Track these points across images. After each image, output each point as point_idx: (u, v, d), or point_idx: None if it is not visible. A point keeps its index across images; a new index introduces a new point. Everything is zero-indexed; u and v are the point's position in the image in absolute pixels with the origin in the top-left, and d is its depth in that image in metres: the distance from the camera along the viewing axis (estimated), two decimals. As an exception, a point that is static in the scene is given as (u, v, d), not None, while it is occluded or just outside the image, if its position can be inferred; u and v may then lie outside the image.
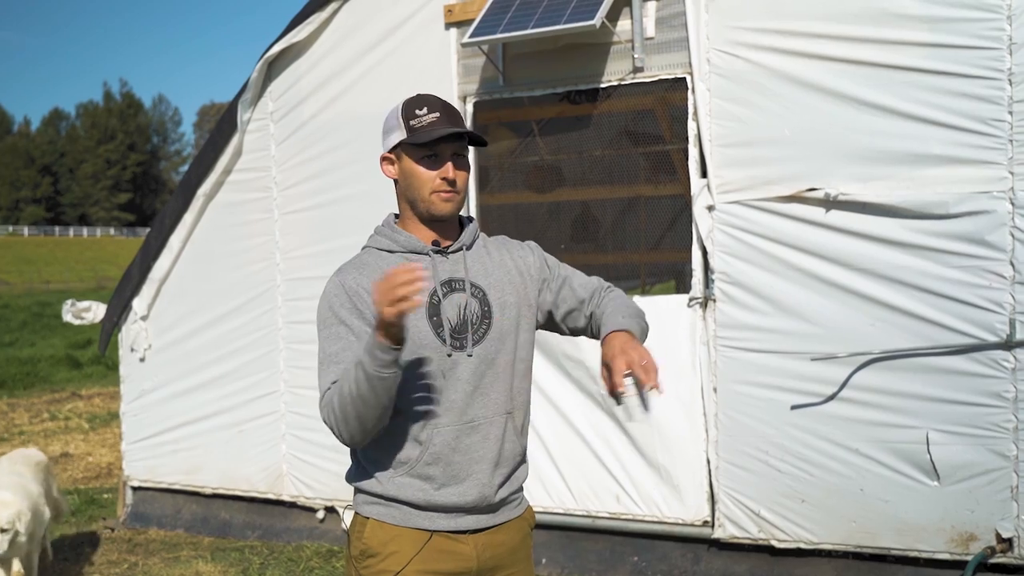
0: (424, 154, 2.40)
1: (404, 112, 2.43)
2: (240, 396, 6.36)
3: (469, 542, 2.43)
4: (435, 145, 2.40)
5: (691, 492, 5.04)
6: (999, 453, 4.35)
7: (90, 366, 15.95)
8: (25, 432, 10.43)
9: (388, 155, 2.47)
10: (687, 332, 5.01)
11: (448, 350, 2.39)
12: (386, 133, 2.48)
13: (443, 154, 2.41)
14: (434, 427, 2.38)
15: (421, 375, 2.38)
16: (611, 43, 5.15)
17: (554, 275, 2.60)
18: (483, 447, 2.42)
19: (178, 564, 5.88)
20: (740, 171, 4.82)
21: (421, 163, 2.40)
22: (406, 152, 2.42)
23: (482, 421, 2.42)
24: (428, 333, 2.38)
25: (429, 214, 2.43)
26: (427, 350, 2.37)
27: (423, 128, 2.39)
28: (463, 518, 2.42)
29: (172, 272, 6.61)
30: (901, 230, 4.48)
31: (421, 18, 5.65)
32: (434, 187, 2.40)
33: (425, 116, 2.40)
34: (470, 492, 2.40)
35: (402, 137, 2.41)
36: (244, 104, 6.15)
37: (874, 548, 4.64)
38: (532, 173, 6.66)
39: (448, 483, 2.39)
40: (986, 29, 4.30)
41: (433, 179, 2.40)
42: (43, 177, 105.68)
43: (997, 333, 4.31)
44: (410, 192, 2.44)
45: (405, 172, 2.43)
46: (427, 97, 2.45)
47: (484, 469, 2.42)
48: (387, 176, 2.49)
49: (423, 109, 2.41)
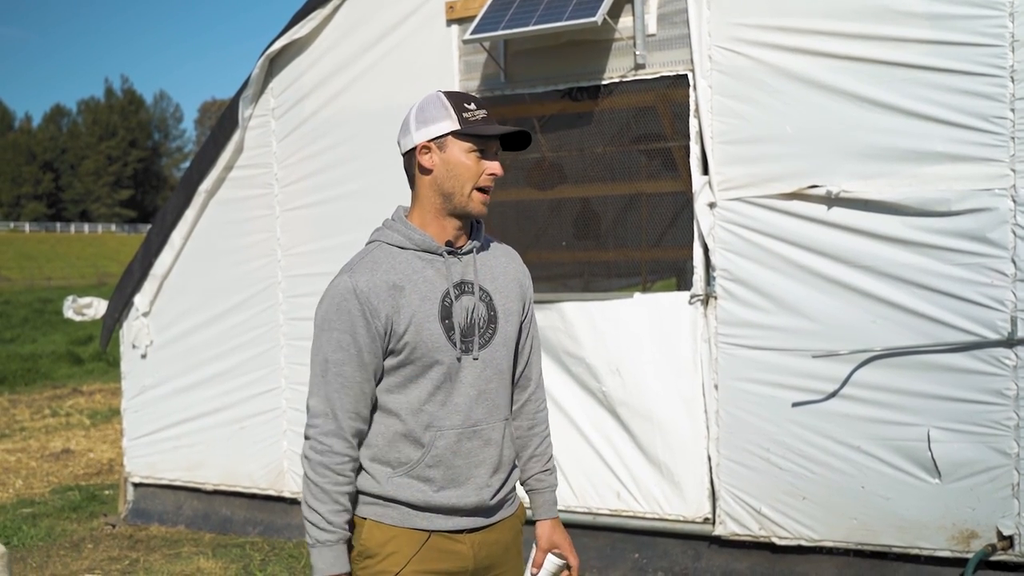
0: (474, 148, 2.37)
1: (453, 103, 2.37)
2: (241, 392, 6.36)
3: (466, 541, 2.43)
4: (486, 141, 2.38)
5: (692, 489, 5.04)
6: (1000, 451, 4.35)
7: (91, 362, 15.97)
8: (26, 428, 10.44)
9: (428, 144, 2.38)
10: (688, 329, 5.00)
11: (458, 353, 2.37)
12: (425, 123, 2.38)
13: (489, 151, 2.39)
14: (437, 430, 2.37)
15: (429, 377, 2.37)
16: (613, 40, 5.15)
17: (528, 319, 2.61)
18: (484, 452, 2.42)
19: (179, 560, 5.88)
20: (742, 168, 4.82)
21: (469, 156, 2.37)
22: (453, 143, 2.37)
23: (484, 426, 2.42)
24: (440, 336, 2.35)
25: (464, 210, 2.39)
26: (439, 352, 2.35)
27: (477, 122, 2.36)
28: (460, 519, 2.42)
29: (173, 268, 6.61)
30: (903, 227, 4.48)
31: (422, 15, 5.64)
32: (479, 183, 2.37)
33: (477, 111, 2.37)
34: (469, 496, 2.40)
35: (454, 127, 2.35)
36: (246, 100, 6.15)
37: (875, 545, 4.64)
38: (533, 170, 6.67)
39: (447, 486, 2.39)
40: (988, 26, 4.29)
41: (480, 174, 2.37)
42: (44, 173, 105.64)
43: (998, 330, 4.31)
44: (449, 184, 2.37)
45: (450, 163, 2.36)
46: (466, 93, 2.43)
47: (483, 473, 2.42)
48: (424, 166, 2.38)
49: (471, 104, 2.38)
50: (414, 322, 2.34)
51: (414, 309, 2.34)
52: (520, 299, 2.54)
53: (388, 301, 2.33)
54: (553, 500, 2.65)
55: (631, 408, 5.15)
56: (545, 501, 2.64)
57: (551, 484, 2.66)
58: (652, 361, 5.10)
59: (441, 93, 2.41)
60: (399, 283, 2.35)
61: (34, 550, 6.21)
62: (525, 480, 2.65)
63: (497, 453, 2.44)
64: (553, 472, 2.67)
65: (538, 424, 2.65)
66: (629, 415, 5.16)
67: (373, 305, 2.32)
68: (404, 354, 2.35)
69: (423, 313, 2.34)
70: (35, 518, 6.94)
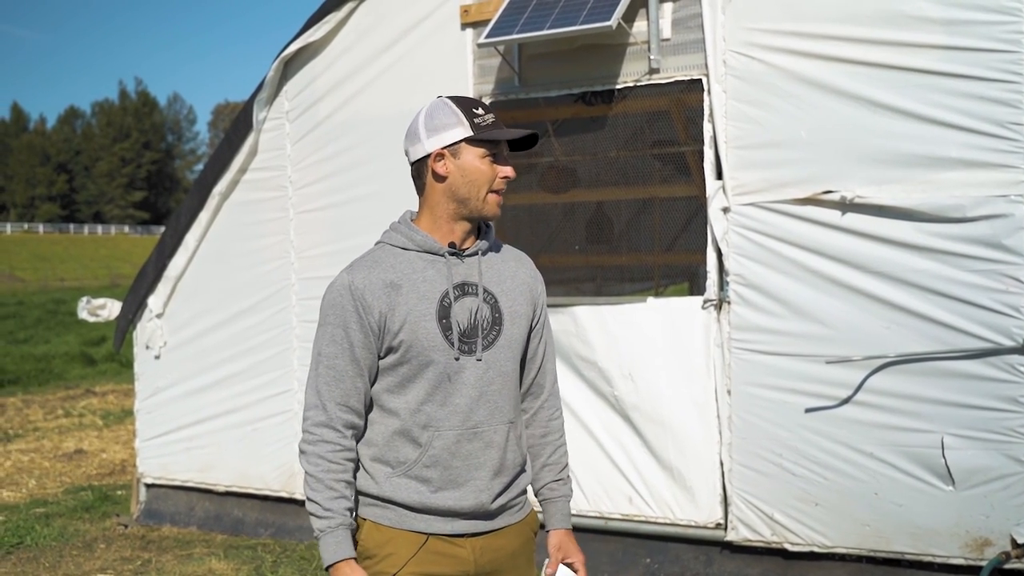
0: (487, 152, 2.40)
1: (462, 109, 2.39)
2: (254, 394, 6.38)
3: (466, 545, 2.42)
4: (498, 145, 2.41)
5: (704, 494, 5.03)
6: (1014, 458, 4.32)
7: (104, 363, 16.03)
8: (40, 428, 10.49)
9: (442, 151, 2.40)
10: (701, 334, 5.00)
11: (456, 353, 2.38)
12: (436, 130, 2.40)
13: (501, 154, 2.42)
14: (435, 430, 2.38)
15: (426, 377, 2.38)
16: (627, 44, 5.15)
17: (539, 325, 2.61)
18: (484, 454, 2.41)
19: (191, 561, 5.90)
20: (756, 173, 4.81)
21: (483, 161, 2.40)
22: (467, 150, 2.39)
23: (485, 428, 2.41)
24: (436, 335, 2.37)
25: (480, 214, 2.42)
26: (435, 352, 2.37)
27: (488, 127, 2.39)
28: (459, 522, 2.41)
29: (187, 270, 6.64)
30: (917, 233, 4.46)
31: (437, 18, 5.65)
32: (494, 186, 2.41)
33: (487, 116, 2.41)
34: (467, 498, 2.40)
35: (467, 134, 2.38)
36: (260, 103, 6.17)
37: (888, 552, 4.62)
38: (547, 174, 6.67)
39: (445, 487, 2.39)
40: (1003, 32, 4.27)
41: (494, 177, 2.40)
42: (58, 175, 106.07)
43: (1013, 337, 4.29)
44: (465, 189, 2.40)
45: (466, 169, 2.39)
46: (471, 98, 2.46)
47: (483, 476, 2.41)
48: (439, 173, 2.40)
49: (479, 109, 2.41)
50: (409, 320, 2.36)
51: (410, 308, 2.37)
52: (530, 303, 2.54)
53: (383, 298, 2.36)
54: (566, 511, 2.62)
55: (643, 413, 5.14)
56: (557, 511, 2.62)
57: (564, 494, 2.63)
58: (665, 366, 5.09)
59: (448, 99, 2.43)
60: (397, 281, 2.38)
61: (47, 550, 6.24)
62: (538, 489, 2.64)
63: (499, 456, 2.43)
64: (567, 482, 2.64)
65: (551, 432, 2.63)
66: (641, 420, 5.15)
67: (367, 302, 2.36)
68: (400, 352, 2.38)
69: (419, 312, 2.37)
70: (48, 518, 6.97)
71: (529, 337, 2.56)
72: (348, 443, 2.40)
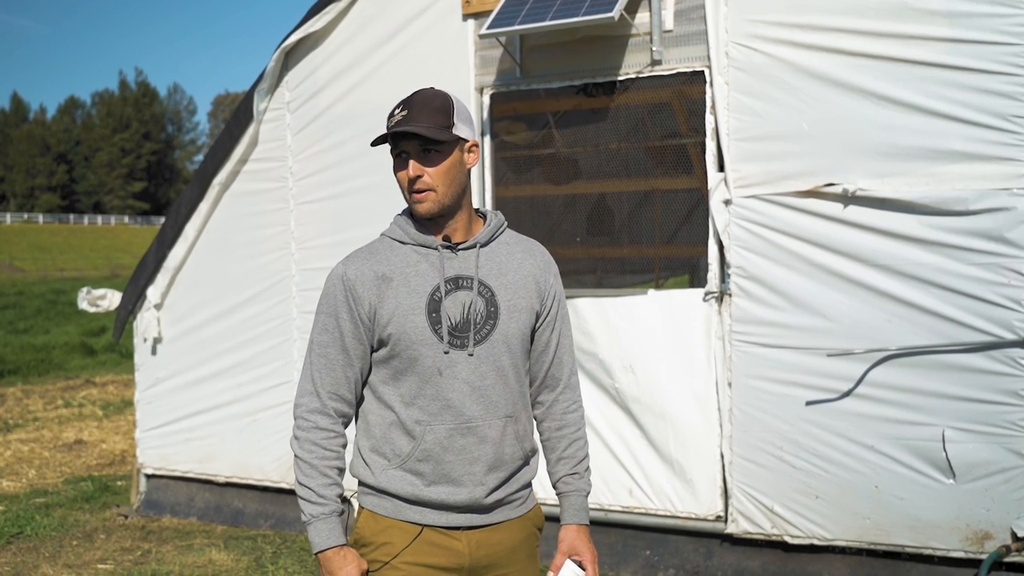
0: (394, 154, 2.40)
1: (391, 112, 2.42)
2: (254, 385, 6.38)
3: (462, 538, 2.41)
4: (397, 146, 2.38)
5: (704, 487, 5.03)
6: (1015, 451, 4.32)
7: (104, 354, 16.02)
8: (39, 418, 10.49)
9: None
10: (702, 327, 4.99)
11: (445, 347, 2.36)
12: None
13: (409, 153, 2.37)
14: (427, 424, 2.37)
15: (416, 371, 2.37)
16: (629, 36, 5.13)
17: (551, 317, 2.55)
18: (479, 449, 2.39)
19: (191, 552, 5.90)
20: (757, 165, 4.80)
21: (395, 165, 2.40)
22: None
23: (479, 423, 2.39)
24: (425, 329, 2.36)
25: (416, 214, 2.42)
26: (423, 346, 2.36)
27: (389, 128, 2.37)
28: (453, 515, 2.41)
29: (187, 261, 6.63)
30: (919, 226, 4.46)
31: (439, 9, 5.63)
32: (407, 188, 2.38)
33: (397, 114, 2.36)
34: (460, 493, 2.38)
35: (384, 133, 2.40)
36: (261, 93, 6.15)
37: (888, 545, 4.62)
38: (548, 165, 6.66)
39: (438, 481, 2.38)
40: (1007, 24, 4.26)
41: (403, 180, 2.39)
42: (58, 165, 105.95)
43: (1015, 331, 4.29)
44: None
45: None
46: (415, 93, 2.41)
47: (477, 471, 2.39)
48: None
49: (400, 107, 2.38)
50: (398, 313, 2.36)
51: (399, 301, 2.37)
52: (536, 296, 2.50)
53: (373, 290, 2.38)
54: (579, 505, 2.56)
55: (644, 405, 5.14)
56: (571, 505, 2.56)
57: (579, 488, 2.57)
58: (666, 358, 5.09)
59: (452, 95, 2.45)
60: (388, 274, 2.39)
61: (47, 540, 6.24)
62: (554, 483, 2.60)
63: (494, 451, 2.40)
64: (582, 476, 2.58)
65: (567, 426, 2.59)
66: (642, 412, 5.15)
67: (357, 293, 2.38)
68: (390, 345, 2.38)
69: (408, 305, 2.36)
70: (48, 508, 6.97)
71: (538, 330, 2.53)
72: (340, 430, 2.43)
